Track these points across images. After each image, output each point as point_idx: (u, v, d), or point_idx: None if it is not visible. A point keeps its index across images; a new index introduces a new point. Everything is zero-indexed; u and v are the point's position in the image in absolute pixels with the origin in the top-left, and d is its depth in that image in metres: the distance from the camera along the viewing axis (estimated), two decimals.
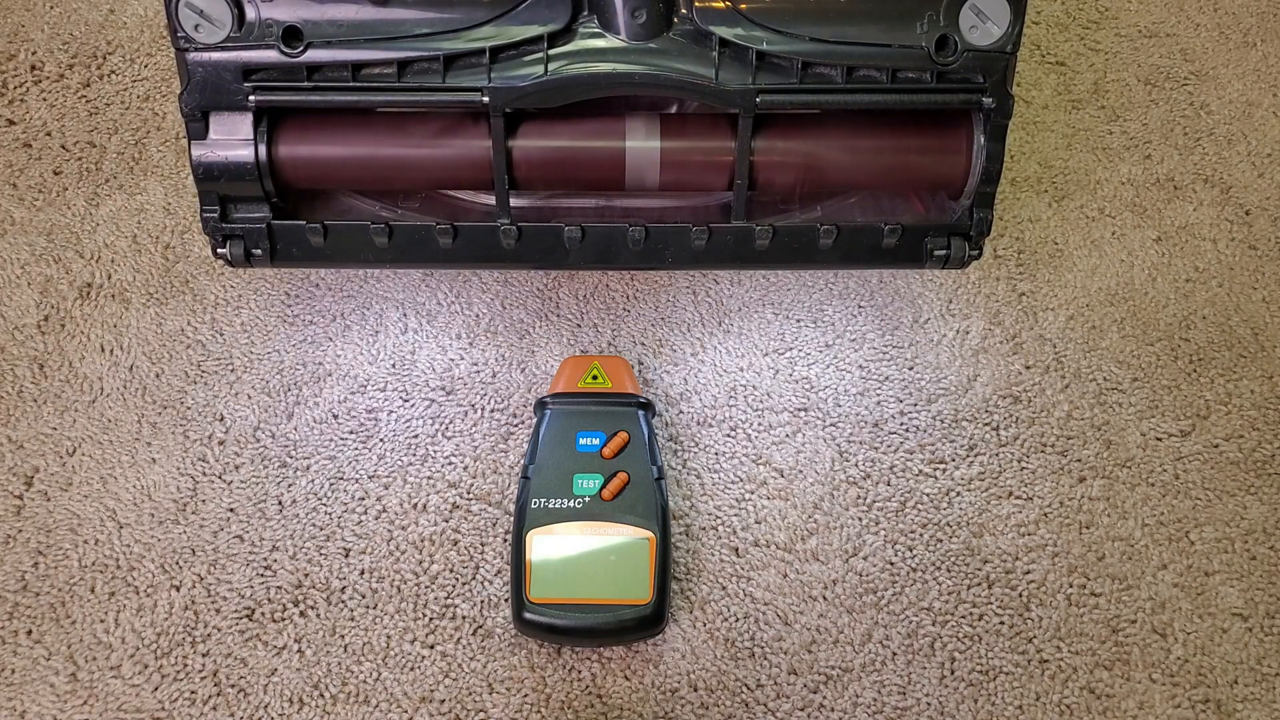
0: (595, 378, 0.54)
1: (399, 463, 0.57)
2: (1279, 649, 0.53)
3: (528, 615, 0.49)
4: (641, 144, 0.52)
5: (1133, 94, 0.73)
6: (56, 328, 0.61)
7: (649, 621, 0.49)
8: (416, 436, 0.58)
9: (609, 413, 0.53)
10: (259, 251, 0.52)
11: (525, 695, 0.51)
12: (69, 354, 0.60)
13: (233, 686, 0.51)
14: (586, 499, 0.51)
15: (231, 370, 0.60)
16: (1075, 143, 0.71)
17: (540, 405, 0.54)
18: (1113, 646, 0.53)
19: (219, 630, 0.52)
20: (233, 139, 0.50)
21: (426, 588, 0.53)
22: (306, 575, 0.54)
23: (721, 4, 0.48)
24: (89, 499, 0.55)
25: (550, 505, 0.51)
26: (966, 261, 0.54)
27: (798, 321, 0.62)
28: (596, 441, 0.52)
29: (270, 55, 0.48)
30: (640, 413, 0.53)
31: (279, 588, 0.53)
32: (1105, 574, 0.55)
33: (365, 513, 0.55)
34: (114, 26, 0.72)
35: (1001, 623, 0.53)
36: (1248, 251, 0.66)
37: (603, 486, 0.51)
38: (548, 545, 0.50)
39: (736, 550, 0.55)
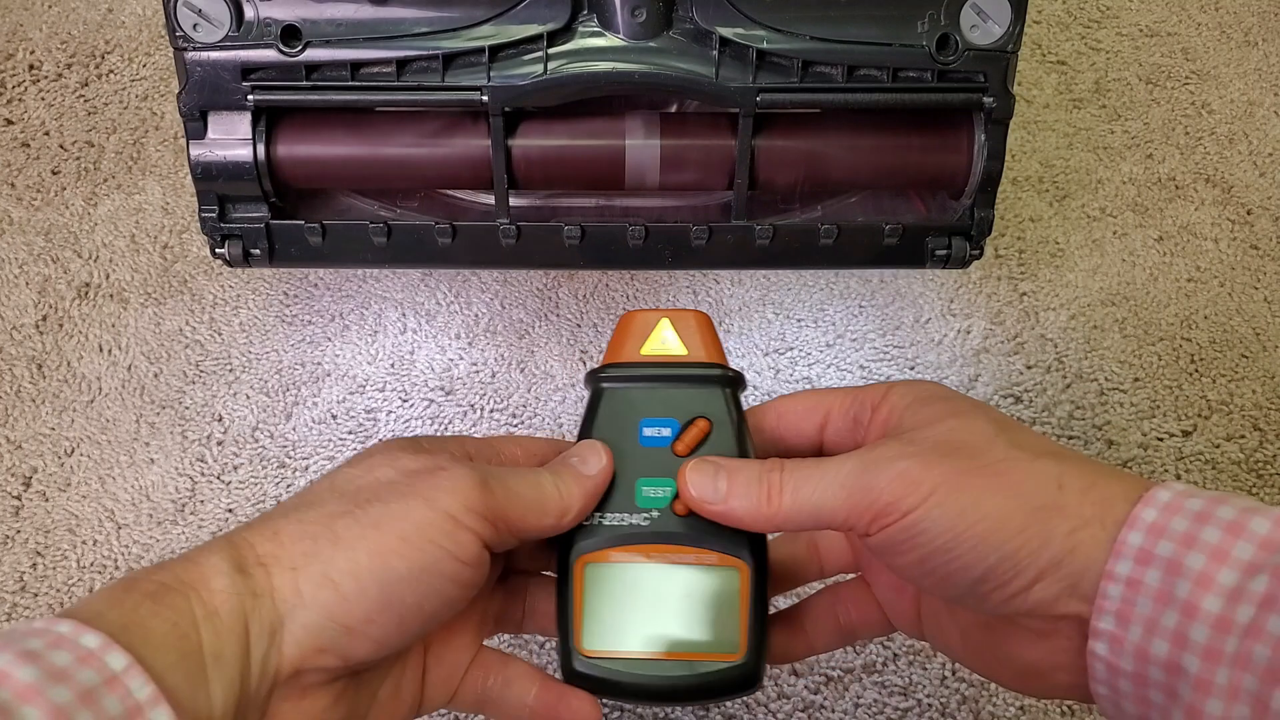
0: (665, 341, 0.39)
1: None
2: None
3: (579, 668, 0.36)
4: (641, 143, 0.51)
5: (1134, 93, 0.73)
6: (54, 327, 0.61)
7: (742, 683, 0.36)
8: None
9: (684, 392, 0.38)
10: (257, 251, 0.52)
11: None
12: (67, 354, 0.60)
13: None
14: (655, 513, 0.37)
15: (230, 370, 0.59)
16: (1076, 142, 0.70)
17: (593, 379, 0.39)
18: None
19: None
20: (231, 138, 0.49)
21: None
22: None
23: (721, 2, 0.48)
24: (87, 499, 0.55)
25: (607, 521, 0.37)
26: (968, 261, 0.54)
27: (798, 321, 0.62)
28: (667, 432, 0.38)
29: (269, 54, 0.48)
30: (725, 390, 0.38)
31: None
32: None
33: None
34: (112, 26, 0.72)
35: None
36: (1249, 251, 0.66)
37: (676, 496, 0.37)
38: (603, 579, 0.37)
39: None
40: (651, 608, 0.37)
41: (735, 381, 0.39)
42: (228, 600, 0.29)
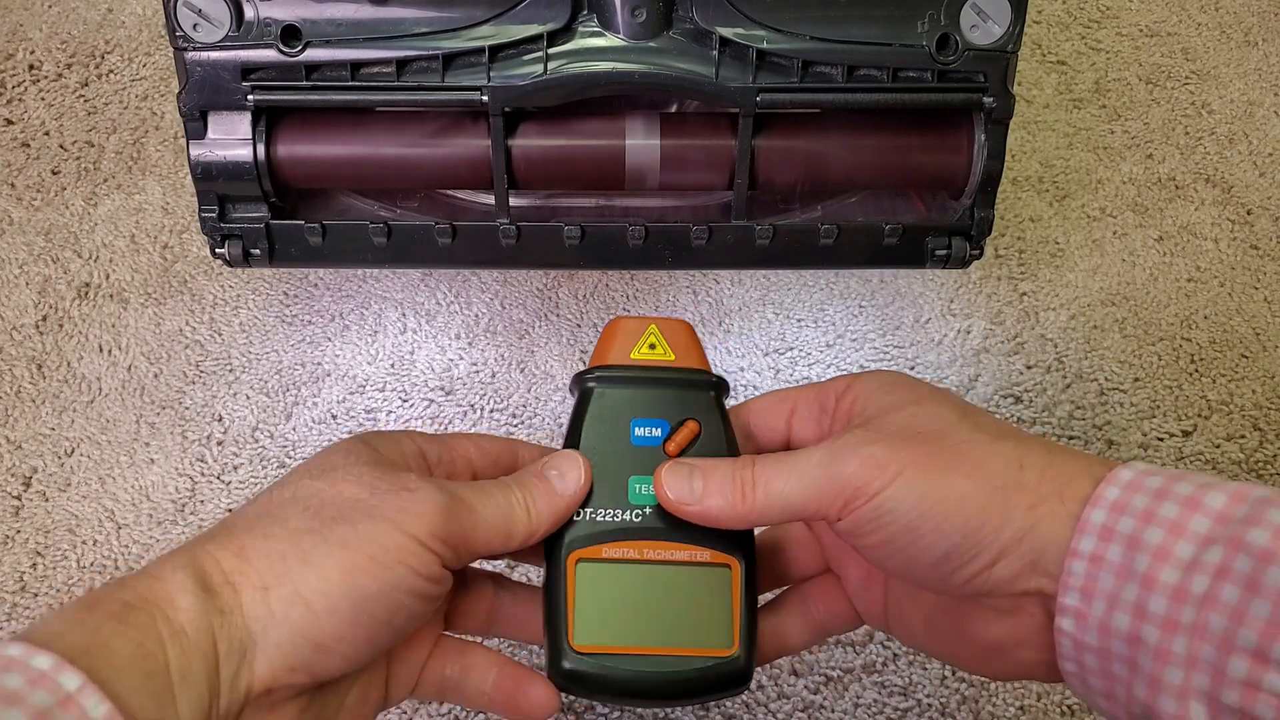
0: (653, 346, 0.40)
1: None
2: None
3: (569, 666, 0.36)
4: (641, 143, 0.51)
5: (1134, 93, 0.73)
6: (54, 328, 0.61)
7: (733, 678, 0.37)
8: None
9: (674, 395, 0.39)
10: (257, 251, 0.52)
11: None
12: (67, 354, 0.60)
13: None
14: (647, 509, 0.37)
15: (230, 370, 0.59)
16: (1076, 142, 0.70)
17: (580, 382, 0.40)
18: None
19: None
20: (231, 138, 0.49)
21: None
22: None
23: (722, 2, 0.48)
24: (87, 499, 0.55)
25: (599, 518, 0.37)
26: (968, 261, 0.54)
27: (798, 321, 0.62)
28: (659, 432, 0.39)
29: (269, 54, 0.48)
30: (712, 395, 0.40)
31: None
32: None
33: None
34: (112, 25, 0.72)
35: None
36: (1249, 251, 0.66)
37: None
38: (595, 574, 0.37)
39: None
40: (645, 604, 0.37)
41: (721, 387, 0.40)
42: (195, 619, 0.29)
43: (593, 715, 0.50)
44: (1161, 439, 0.59)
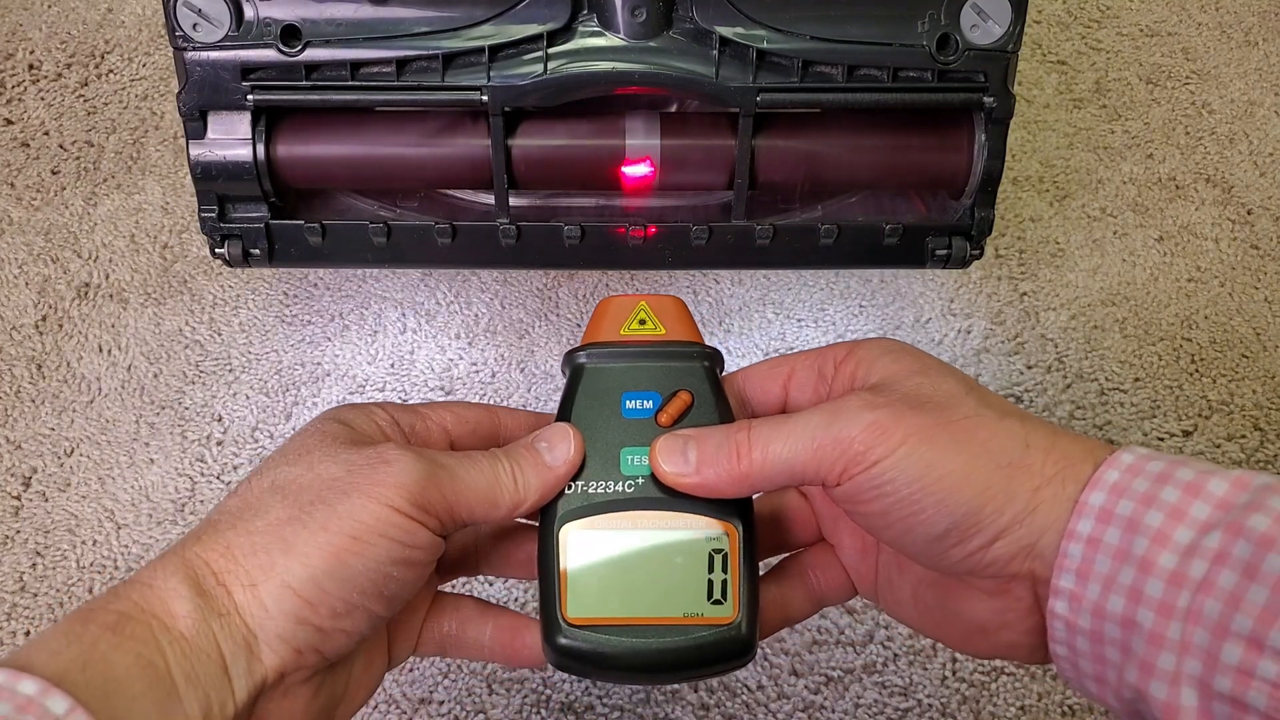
0: (643, 322, 0.40)
1: None
2: None
3: (564, 641, 0.35)
4: (641, 143, 0.51)
5: (1134, 93, 0.73)
6: (54, 328, 0.61)
7: (736, 648, 0.36)
8: None
9: (664, 367, 0.39)
10: (257, 251, 0.52)
11: (525, 696, 0.50)
12: (67, 354, 0.60)
13: None
14: (640, 480, 0.37)
15: (229, 370, 0.59)
16: (1077, 142, 0.70)
17: (571, 360, 0.40)
18: None
19: None
20: (231, 138, 0.49)
21: None
22: None
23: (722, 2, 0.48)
24: (87, 499, 0.55)
25: (591, 490, 0.37)
26: (968, 261, 0.54)
27: (799, 321, 0.62)
28: (650, 404, 0.38)
29: (269, 54, 0.48)
30: (704, 365, 0.39)
31: None
32: None
33: None
34: (112, 25, 0.72)
35: None
36: (1250, 251, 0.66)
37: None
38: (589, 545, 0.37)
39: None
40: (639, 572, 0.36)
41: (714, 357, 0.39)
42: (194, 625, 0.29)
43: (592, 716, 0.50)
44: (1162, 439, 0.59)
